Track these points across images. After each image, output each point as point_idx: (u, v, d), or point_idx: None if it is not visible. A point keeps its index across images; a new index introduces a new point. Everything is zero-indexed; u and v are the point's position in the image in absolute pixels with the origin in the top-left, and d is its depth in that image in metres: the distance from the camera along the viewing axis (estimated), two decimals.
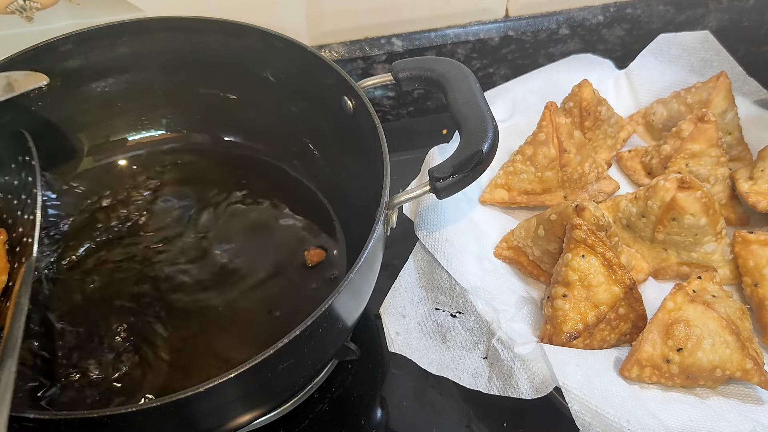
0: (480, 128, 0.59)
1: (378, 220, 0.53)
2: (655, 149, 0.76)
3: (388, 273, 0.69)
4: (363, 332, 0.70)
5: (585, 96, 0.75)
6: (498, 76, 0.92)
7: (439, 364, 0.62)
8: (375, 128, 0.59)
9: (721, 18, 0.92)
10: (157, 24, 0.70)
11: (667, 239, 0.68)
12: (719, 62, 0.84)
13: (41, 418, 0.43)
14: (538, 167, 0.72)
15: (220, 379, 0.44)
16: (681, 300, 0.60)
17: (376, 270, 0.59)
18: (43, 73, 0.67)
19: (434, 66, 0.64)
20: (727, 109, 0.76)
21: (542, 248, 0.67)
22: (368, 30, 0.85)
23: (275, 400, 0.60)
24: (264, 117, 0.75)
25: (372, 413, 0.66)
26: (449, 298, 0.66)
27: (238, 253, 0.68)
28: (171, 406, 0.43)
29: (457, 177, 0.57)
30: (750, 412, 0.57)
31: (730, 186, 0.73)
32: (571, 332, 0.60)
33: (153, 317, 0.63)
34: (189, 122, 0.77)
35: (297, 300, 0.65)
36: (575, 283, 0.61)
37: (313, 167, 0.75)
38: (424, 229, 0.69)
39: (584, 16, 0.89)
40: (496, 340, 0.61)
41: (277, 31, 0.68)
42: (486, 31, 0.88)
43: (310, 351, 0.50)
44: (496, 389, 0.60)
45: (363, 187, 0.63)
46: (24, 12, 0.72)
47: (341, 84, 0.65)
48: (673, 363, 0.57)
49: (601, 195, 0.74)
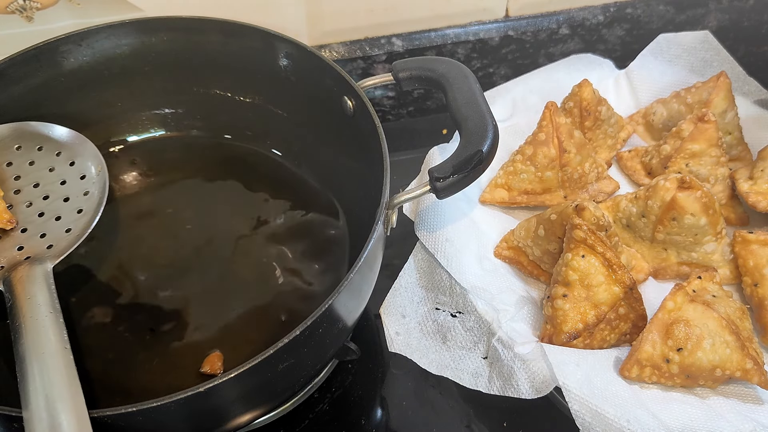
0: (480, 128, 0.59)
1: (378, 220, 0.53)
2: (655, 149, 0.76)
3: (388, 273, 0.69)
4: (363, 332, 0.70)
5: (585, 96, 0.75)
6: (498, 76, 0.92)
7: (439, 364, 0.62)
8: (375, 128, 0.59)
9: (721, 18, 0.92)
10: (157, 24, 0.70)
11: (667, 239, 0.68)
12: (719, 62, 0.84)
13: None
14: (538, 167, 0.72)
15: (220, 379, 0.44)
16: (681, 300, 0.60)
17: (376, 270, 0.59)
18: (43, 74, 0.67)
19: (434, 66, 0.64)
20: (727, 109, 0.76)
21: (542, 248, 0.67)
22: (368, 30, 0.85)
23: (275, 400, 0.60)
24: (264, 117, 0.75)
25: (372, 413, 0.66)
26: (449, 298, 0.66)
27: (237, 253, 0.68)
28: (171, 406, 0.43)
29: (457, 177, 0.57)
30: (750, 412, 0.57)
31: (730, 186, 0.73)
32: (571, 332, 0.60)
33: (149, 316, 0.64)
34: (189, 122, 0.77)
35: (296, 300, 0.65)
36: (575, 283, 0.61)
37: (313, 167, 0.75)
38: (424, 229, 0.69)
39: (584, 16, 0.89)
40: (496, 340, 0.61)
41: (277, 31, 0.68)
42: (486, 31, 0.88)
43: (310, 351, 0.50)
44: (496, 389, 0.60)
45: (363, 187, 0.63)
46: (24, 12, 0.72)
47: (341, 84, 0.65)
48: (673, 363, 0.57)
49: (601, 195, 0.74)
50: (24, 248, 0.60)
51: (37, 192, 0.64)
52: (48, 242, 0.60)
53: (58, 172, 0.65)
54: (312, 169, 0.75)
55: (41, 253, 0.59)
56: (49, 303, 0.53)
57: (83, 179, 0.65)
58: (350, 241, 0.69)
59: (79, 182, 0.65)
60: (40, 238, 0.61)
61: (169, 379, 0.60)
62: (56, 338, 0.49)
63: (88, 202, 0.64)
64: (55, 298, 0.54)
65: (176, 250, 0.69)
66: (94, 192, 0.64)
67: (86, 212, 0.63)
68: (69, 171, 0.65)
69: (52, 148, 0.66)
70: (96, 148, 0.67)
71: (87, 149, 0.67)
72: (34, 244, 0.60)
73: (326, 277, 0.67)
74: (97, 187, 0.65)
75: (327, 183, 0.74)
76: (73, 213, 0.63)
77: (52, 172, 0.65)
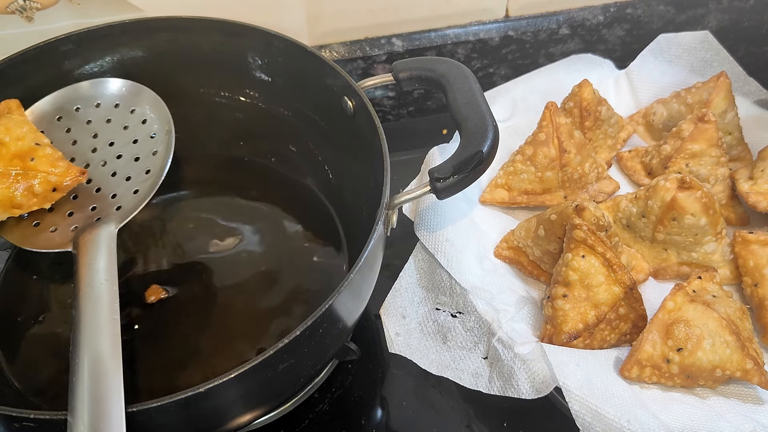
0: (480, 128, 0.59)
1: (378, 220, 0.53)
2: (655, 149, 0.76)
3: (388, 273, 0.69)
4: (363, 332, 0.70)
5: (585, 96, 0.75)
6: (498, 76, 0.92)
7: (440, 365, 0.62)
8: (375, 128, 0.59)
9: (721, 18, 0.92)
10: (157, 24, 0.70)
11: (668, 239, 0.68)
12: (719, 62, 0.84)
13: (41, 418, 0.43)
14: (539, 167, 0.72)
15: (220, 379, 0.44)
16: (681, 300, 0.60)
17: (376, 270, 0.59)
18: (43, 74, 0.67)
19: (434, 66, 0.64)
20: (727, 109, 0.76)
21: (542, 248, 0.67)
22: (368, 30, 0.85)
23: (275, 400, 0.60)
24: (264, 117, 0.75)
25: (372, 413, 0.66)
26: (449, 298, 0.66)
27: (237, 254, 0.68)
28: (171, 406, 0.43)
29: (457, 177, 0.57)
30: (750, 412, 0.57)
31: (730, 186, 0.73)
32: (571, 332, 0.60)
33: (149, 316, 0.64)
34: (188, 122, 0.77)
35: (296, 299, 0.65)
36: (575, 283, 0.61)
37: (313, 167, 0.75)
38: (424, 229, 0.69)
39: (584, 16, 0.89)
40: (496, 340, 0.61)
41: (277, 31, 0.68)
42: (486, 31, 0.88)
43: (310, 351, 0.50)
44: (496, 389, 0.60)
45: (363, 187, 0.63)
46: (24, 12, 0.72)
47: (341, 84, 0.65)
48: (673, 363, 0.57)
49: (601, 195, 0.74)
50: (97, 208, 0.60)
51: (112, 151, 0.64)
52: (117, 203, 0.60)
53: (131, 131, 0.64)
54: (312, 170, 0.75)
55: (110, 214, 0.59)
56: (107, 269, 0.53)
57: (152, 138, 0.64)
58: (350, 242, 0.69)
59: (149, 141, 0.64)
60: (111, 198, 0.60)
61: (170, 379, 0.60)
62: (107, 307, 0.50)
63: (155, 162, 0.63)
64: (113, 264, 0.54)
65: (174, 251, 0.69)
66: (161, 152, 0.63)
67: (153, 173, 0.62)
68: (141, 130, 0.65)
69: (127, 105, 0.66)
70: (166, 108, 0.66)
71: (158, 108, 0.66)
72: (105, 205, 0.60)
73: (326, 277, 0.67)
74: (164, 146, 0.64)
75: (326, 183, 0.74)
76: (141, 173, 0.62)
77: (126, 131, 0.64)
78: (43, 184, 0.58)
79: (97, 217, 0.59)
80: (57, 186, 0.58)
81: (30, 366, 0.61)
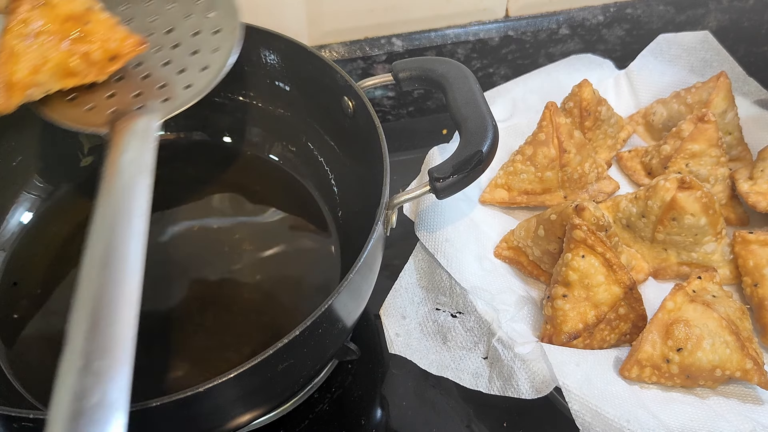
0: (480, 128, 0.59)
1: (378, 220, 0.53)
2: (655, 149, 0.76)
3: (388, 273, 0.69)
4: (363, 332, 0.70)
5: (585, 96, 0.75)
6: (498, 76, 0.92)
7: (440, 365, 0.62)
8: (375, 128, 0.59)
9: (721, 18, 0.92)
10: None
11: (667, 239, 0.68)
12: (719, 62, 0.84)
13: (41, 418, 0.43)
14: (538, 167, 0.72)
15: (220, 379, 0.44)
16: (681, 300, 0.60)
17: (375, 270, 0.59)
18: None
19: (434, 66, 0.64)
20: (727, 109, 0.76)
21: (542, 248, 0.67)
22: (368, 30, 0.85)
23: (275, 400, 0.60)
24: (263, 117, 0.75)
25: (372, 413, 0.66)
26: (449, 298, 0.66)
27: (235, 253, 0.68)
28: (171, 406, 0.43)
29: (457, 177, 0.57)
30: (750, 412, 0.57)
31: (730, 186, 0.73)
32: (571, 332, 0.60)
33: (147, 317, 0.63)
34: (187, 123, 0.77)
35: (296, 299, 0.65)
36: (575, 283, 0.61)
37: (313, 167, 0.75)
38: (424, 229, 0.69)
39: (584, 16, 0.89)
40: (496, 340, 0.61)
41: (277, 31, 0.68)
42: (486, 31, 0.88)
43: (309, 351, 0.50)
44: (496, 389, 0.60)
45: (363, 187, 0.63)
46: None
47: (341, 84, 0.65)
48: (673, 363, 0.57)
49: (601, 195, 0.74)
50: (141, 95, 0.55)
51: (168, 38, 0.59)
52: (165, 95, 0.55)
53: (194, 21, 0.59)
54: (311, 169, 0.75)
55: (155, 105, 0.54)
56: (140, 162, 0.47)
57: (216, 34, 0.59)
58: (350, 242, 0.69)
59: (212, 37, 0.59)
60: (159, 88, 0.56)
61: (170, 379, 0.60)
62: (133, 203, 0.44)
63: (215, 59, 0.58)
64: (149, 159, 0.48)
65: (173, 252, 0.69)
66: (224, 50, 0.58)
67: (210, 70, 0.57)
68: (205, 22, 0.60)
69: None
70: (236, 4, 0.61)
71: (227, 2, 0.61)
72: (151, 94, 0.55)
73: (325, 277, 0.67)
74: (228, 45, 0.58)
75: (326, 183, 0.74)
76: (197, 69, 0.57)
77: (188, 20, 0.59)
78: (100, 51, 0.51)
79: (139, 105, 0.54)
80: (117, 53, 0.52)
81: (30, 366, 0.61)
